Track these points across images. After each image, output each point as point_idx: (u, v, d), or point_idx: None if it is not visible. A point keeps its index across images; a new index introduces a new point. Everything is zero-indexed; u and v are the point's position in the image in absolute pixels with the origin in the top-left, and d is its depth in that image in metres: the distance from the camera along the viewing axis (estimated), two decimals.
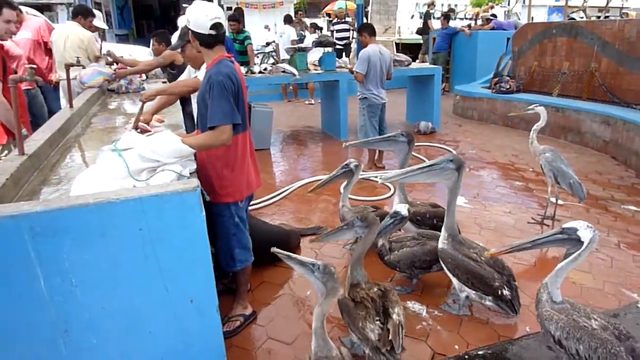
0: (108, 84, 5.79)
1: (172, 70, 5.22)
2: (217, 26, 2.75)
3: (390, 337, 2.45)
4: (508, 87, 9.30)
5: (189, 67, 4.03)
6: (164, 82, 6.77)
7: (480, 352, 2.89)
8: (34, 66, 2.68)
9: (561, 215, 4.82)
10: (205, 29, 2.73)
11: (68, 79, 4.36)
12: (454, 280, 3.18)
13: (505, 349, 2.93)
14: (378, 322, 2.54)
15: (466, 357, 2.86)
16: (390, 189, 5.60)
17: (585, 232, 2.42)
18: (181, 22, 3.58)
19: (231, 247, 2.98)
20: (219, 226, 2.95)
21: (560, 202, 4.99)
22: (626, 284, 3.60)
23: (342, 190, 5.48)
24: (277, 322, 3.24)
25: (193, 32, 2.78)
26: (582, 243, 2.43)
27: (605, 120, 7.18)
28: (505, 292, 3.04)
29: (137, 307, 2.06)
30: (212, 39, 2.78)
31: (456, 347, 2.95)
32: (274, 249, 2.37)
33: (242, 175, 2.95)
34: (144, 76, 6.60)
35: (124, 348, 2.08)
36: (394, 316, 2.56)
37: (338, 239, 3.27)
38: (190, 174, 2.40)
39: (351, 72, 6.76)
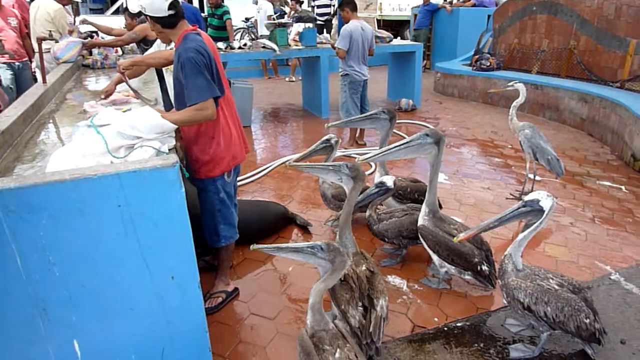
0: (83, 59, 5.64)
1: (146, 46, 5.10)
2: (174, 4, 2.65)
3: (370, 330, 2.47)
4: (488, 64, 9.33)
5: (158, 40, 3.93)
6: None
7: (458, 324, 2.96)
8: (3, 38, 2.58)
9: (539, 190, 4.89)
10: (163, 12, 2.64)
11: (40, 53, 4.22)
12: (434, 257, 3.22)
13: (483, 320, 3.00)
14: (361, 309, 2.53)
15: (445, 329, 2.92)
16: (371, 166, 5.62)
17: (546, 201, 2.53)
18: (131, 4, 3.44)
19: (216, 223, 2.97)
20: (204, 201, 2.93)
21: (538, 178, 5.07)
22: (600, 257, 3.70)
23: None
24: (260, 298, 3.26)
25: (151, 17, 2.68)
26: (543, 212, 2.54)
27: (582, 97, 7.28)
28: (484, 267, 3.10)
29: (118, 284, 2.04)
30: (173, 19, 2.69)
31: (435, 319, 3.01)
32: (256, 246, 2.25)
33: (227, 146, 2.90)
34: (119, 51, 6.44)
35: (105, 325, 2.07)
36: (378, 308, 2.54)
37: (319, 175, 3.21)
38: (169, 150, 2.36)
39: (333, 47, 6.70)
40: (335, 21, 13.14)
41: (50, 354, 2.01)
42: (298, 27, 9.07)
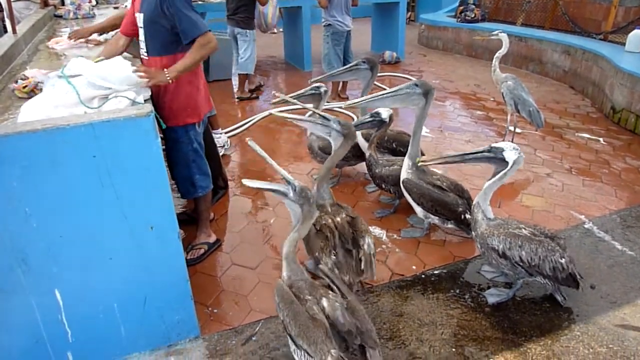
0: (55, 9, 5.42)
1: None
2: None
3: (362, 267, 2.55)
4: (473, 15, 9.20)
5: None
6: (115, 8, 6.38)
7: (436, 272, 3.04)
8: None
9: (518, 142, 4.95)
10: None
11: (9, 1, 4.04)
12: (418, 209, 3.26)
13: (460, 268, 3.09)
14: (334, 257, 2.57)
15: (423, 276, 3.00)
16: (353, 119, 5.59)
17: (510, 153, 2.55)
18: None
19: (191, 173, 2.96)
20: (178, 152, 2.90)
21: (518, 130, 5.12)
22: (575, 207, 3.79)
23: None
24: (241, 249, 3.30)
25: None
26: (507, 163, 2.55)
27: (565, 50, 7.25)
28: (468, 215, 3.15)
29: (97, 234, 2.05)
30: None
31: (413, 267, 3.09)
32: (246, 181, 2.17)
33: (201, 93, 2.92)
34: (93, 1, 6.19)
35: (85, 275, 2.09)
36: (365, 247, 2.61)
37: (306, 126, 3.04)
38: (144, 100, 2.31)
39: None
40: None
41: (32, 303, 2.04)
42: None
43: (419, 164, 2.92)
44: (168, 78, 2.48)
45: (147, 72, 2.38)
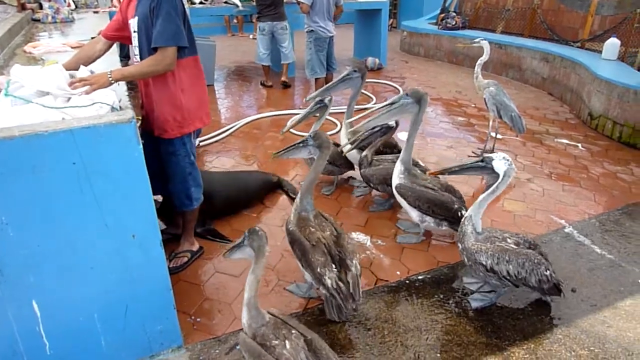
0: (33, 13, 5.34)
1: None
2: None
3: (351, 290, 2.51)
4: (454, 23, 9.32)
5: None
6: (95, 12, 6.32)
7: (420, 277, 3.05)
8: None
9: (499, 148, 5.01)
10: None
11: None
12: (414, 213, 3.25)
13: (444, 273, 3.10)
14: (335, 271, 2.54)
15: (407, 281, 3.01)
16: (337, 125, 5.60)
17: (499, 163, 2.54)
18: None
19: (188, 186, 2.91)
20: (174, 166, 2.84)
21: (499, 136, 5.19)
22: (555, 211, 3.85)
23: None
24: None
25: None
26: (497, 174, 2.56)
27: (544, 57, 7.38)
28: (463, 212, 3.17)
29: (76, 243, 2.00)
30: None
31: (397, 273, 3.09)
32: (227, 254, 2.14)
33: (199, 99, 2.82)
34: (72, 5, 6.12)
35: (65, 284, 2.03)
36: (353, 269, 2.57)
37: (296, 156, 2.88)
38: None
39: (297, 3, 6.53)
40: None
41: (8, 314, 1.98)
42: None
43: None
44: (111, 79, 2.36)
45: (85, 81, 2.29)
